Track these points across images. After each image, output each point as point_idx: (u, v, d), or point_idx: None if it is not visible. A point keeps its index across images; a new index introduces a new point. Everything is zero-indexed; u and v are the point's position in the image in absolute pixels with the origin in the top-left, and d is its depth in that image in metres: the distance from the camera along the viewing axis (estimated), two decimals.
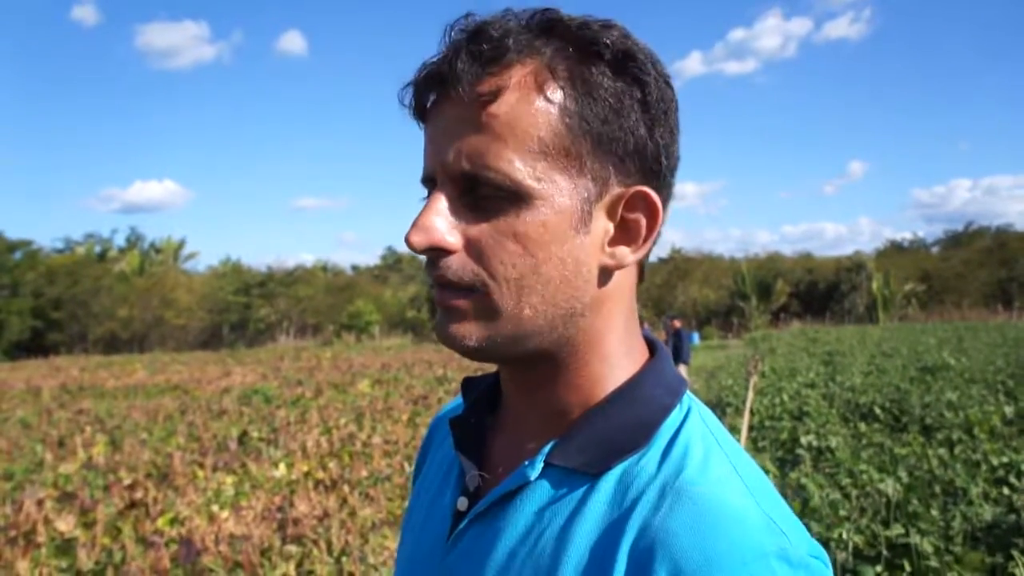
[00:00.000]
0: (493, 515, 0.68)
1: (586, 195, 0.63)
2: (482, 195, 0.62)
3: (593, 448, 0.65)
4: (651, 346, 0.74)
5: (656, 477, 0.62)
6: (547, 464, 0.66)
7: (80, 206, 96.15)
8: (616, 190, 0.64)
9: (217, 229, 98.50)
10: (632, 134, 0.63)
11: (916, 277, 45.09)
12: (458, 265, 0.63)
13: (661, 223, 0.66)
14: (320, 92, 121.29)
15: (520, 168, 0.60)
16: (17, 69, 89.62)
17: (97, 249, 49.04)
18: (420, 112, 0.66)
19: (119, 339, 40.19)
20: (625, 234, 0.66)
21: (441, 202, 0.63)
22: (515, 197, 0.61)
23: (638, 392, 0.68)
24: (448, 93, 0.62)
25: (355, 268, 60.79)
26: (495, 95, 0.60)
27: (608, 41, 0.62)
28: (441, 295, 0.64)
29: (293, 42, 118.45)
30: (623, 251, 0.66)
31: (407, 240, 0.62)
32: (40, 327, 38.36)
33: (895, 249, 57.43)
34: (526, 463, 0.67)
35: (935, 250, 56.48)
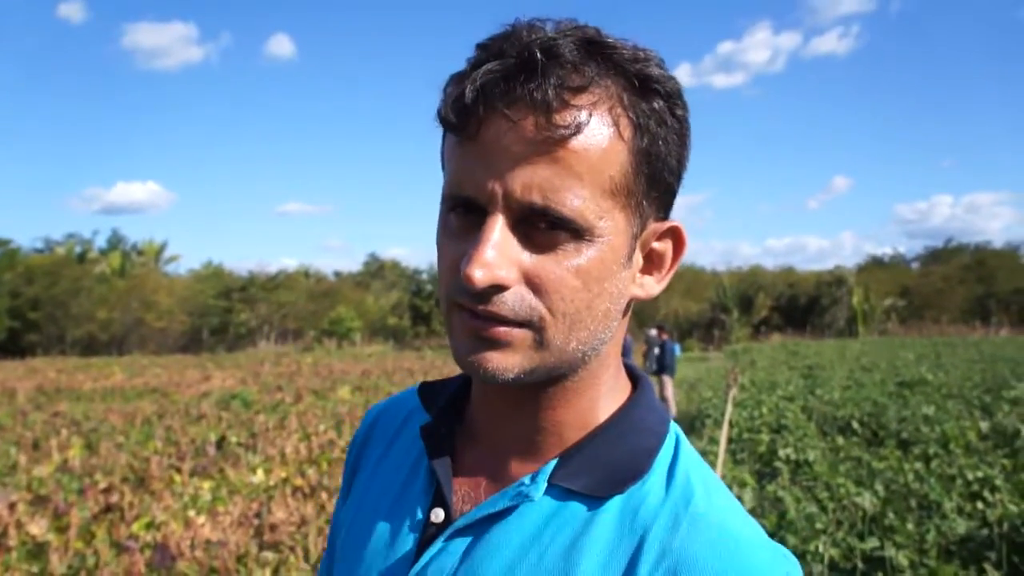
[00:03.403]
0: (483, 530, 0.66)
1: (634, 231, 0.63)
2: (540, 227, 0.60)
3: (598, 471, 0.65)
4: (631, 372, 0.75)
5: (665, 503, 0.63)
6: (549, 484, 0.65)
7: (61, 206, 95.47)
8: (653, 224, 0.66)
9: (200, 232, 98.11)
10: (673, 173, 0.64)
11: (896, 292, 45.61)
12: (514, 300, 0.60)
13: (684, 253, 0.68)
14: (308, 96, 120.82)
15: (591, 206, 0.59)
16: (0, 65, 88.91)
17: (77, 250, 48.58)
18: (466, 125, 0.60)
19: (98, 341, 39.81)
20: (651, 264, 0.68)
21: (497, 233, 0.59)
22: (578, 233, 0.60)
23: (635, 419, 0.69)
24: (518, 115, 0.58)
25: (337, 274, 60.63)
26: (577, 128, 0.57)
27: (662, 77, 0.62)
28: (484, 324, 0.61)
29: (281, 45, 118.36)
30: (650, 281, 0.68)
31: (468, 276, 0.58)
32: (17, 327, 37.96)
33: (876, 264, 58.03)
34: (525, 481, 0.66)
35: (915, 266, 57.23)
